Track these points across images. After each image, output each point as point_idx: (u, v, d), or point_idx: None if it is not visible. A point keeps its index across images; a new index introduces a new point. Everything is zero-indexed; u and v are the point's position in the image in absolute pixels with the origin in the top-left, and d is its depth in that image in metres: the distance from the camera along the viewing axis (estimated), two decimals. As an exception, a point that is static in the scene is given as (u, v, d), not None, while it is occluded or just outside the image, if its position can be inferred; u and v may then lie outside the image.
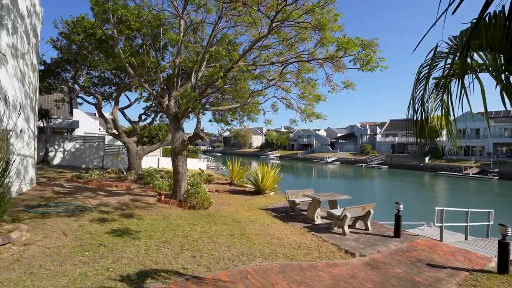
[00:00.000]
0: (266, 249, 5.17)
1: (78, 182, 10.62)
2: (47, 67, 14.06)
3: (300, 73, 8.01)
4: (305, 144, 78.08)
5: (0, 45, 6.35)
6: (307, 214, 8.25)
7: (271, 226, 7.05)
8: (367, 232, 7.34)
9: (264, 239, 5.80)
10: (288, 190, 9.36)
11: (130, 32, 9.46)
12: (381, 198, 21.97)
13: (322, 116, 9.44)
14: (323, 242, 6.27)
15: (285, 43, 7.38)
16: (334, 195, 8.70)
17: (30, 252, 3.79)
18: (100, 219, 5.78)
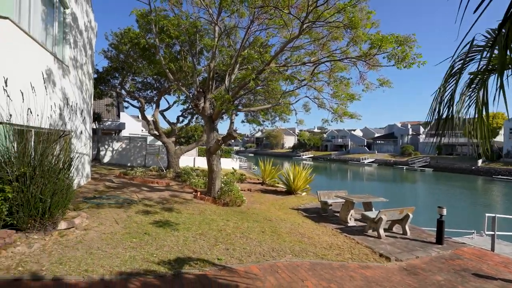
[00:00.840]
0: (297, 247, 5.25)
1: (125, 178, 11.73)
2: (99, 75, 15.74)
3: (333, 72, 7.90)
4: (340, 145, 75.37)
5: (64, 58, 7.37)
6: (339, 215, 8.11)
7: (302, 225, 7.09)
8: (405, 237, 6.98)
9: (295, 238, 5.88)
10: (320, 191, 9.27)
11: (170, 40, 10.21)
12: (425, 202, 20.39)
13: (356, 115, 9.17)
14: (356, 244, 6.13)
15: (316, 43, 7.36)
16: (369, 197, 8.41)
17: (89, 236, 4.40)
18: (144, 211, 6.39)
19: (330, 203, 8.71)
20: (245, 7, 6.51)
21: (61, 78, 6.96)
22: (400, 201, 18.57)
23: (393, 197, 20.84)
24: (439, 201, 20.68)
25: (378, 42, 5.17)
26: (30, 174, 3.89)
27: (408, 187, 29.11)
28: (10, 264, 3.20)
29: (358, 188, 26.43)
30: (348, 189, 10.35)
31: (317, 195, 9.26)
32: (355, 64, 6.55)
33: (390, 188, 27.61)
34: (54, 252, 3.66)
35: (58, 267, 3.30)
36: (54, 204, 4.13)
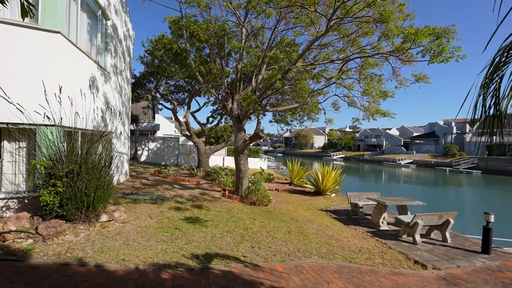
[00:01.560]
0: (323, 249, 5.15)
1: (158, 176, 12.45)
2: (136, 80, 16.91)
3: (363, 69, 7.57)
4: (373, 145, 71.61)
5: (106, 65, 8.06)
6: (371, 218, 7.76)
7: (329, 227, 6.92)
8: (445, 244, 6.46)
9: (322, 239, 5.77)
10: (350, 192, 8.96)
11: (200, 44, 10.62)
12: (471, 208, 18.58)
13: (389, 113, 8.67)
14: (388, 249, 5.83)
15: (346, 39, 7.11)
16: (403, 200, 7.92)
17: (127, 228, 4.78)
18: (176, 208, 6.74)
19: (360, 205, 8.39)
20: (271, 8, 6.52)
21: (103, 84, 7.63)
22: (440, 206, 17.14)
23: (433, 201, 19.27)
24: (488, 207, 18.68)
25: (411, 36, 4.81)
26: (77, 171, 4.35)
27: (452, 191, 26.70)
28: (61, 250, 3.62)
29: (393, 190, 24.91)
30: (383, 192, 9.83)
31: (347, 196, 8.96)
32: (387, 59, 6.18)
33: (430, 192, 25.60)
34: (97, 241, 4.05)
35: (99, 255, 3.64)
36: (96, 199, 4.57)
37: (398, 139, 65.43)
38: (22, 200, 4.87)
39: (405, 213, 7.93)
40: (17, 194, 4.83)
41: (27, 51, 4.93)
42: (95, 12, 7.34)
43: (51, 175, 4.27)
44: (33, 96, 4.77)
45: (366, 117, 8.44)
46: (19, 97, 4.67)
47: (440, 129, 57.83)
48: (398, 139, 65.43)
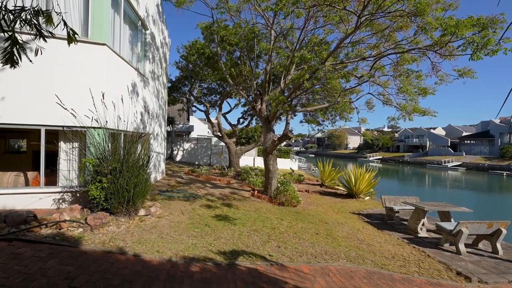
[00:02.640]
0: (353, 253, 4.99)
1: (192, 175, 13.08)
2: (172, 84, 17.96)
3: (399, 65, 7.12)
4: (415, 146, 66.45)
5: (145, 72, 8.73)
6: (408, 224, 7.28)
7: (361, 231, 6.65)
8: (496, 256, 5.82)
9: (352, 243, 5.58)
10: (385, 195, 8.49)
11: (231, 48, 10.94)
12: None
13: (429, 112, 8.04)
14: (427, 257, 5.43)
15: (378, 35, 6.76)
16: (446, 205, 7.28)
17: (161, 223, 5.15)
18: (207, 205, 7.05)
19: (396, 210, 7.91)
20: (300, 8, 6.48)
21: (142, 89, 8.28)
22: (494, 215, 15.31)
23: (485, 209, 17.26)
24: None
25: (452, 29, 4.37)
26: (119, 168, 4.81)
27: (509, 198, 23.68)
28: (105, 239, 4.04)
29: (438, 196, 22.89)
30: (425, 197, 9.16)
31: (381, 200, 8.52)
32: (425, 54, 5.72)
33: (481, 198, 23.00)
34: (135, 233, 4.44)
35: (137, 246, 4.00)
36: (135, 194, 5.00)
37: (444, 139, 59.83)
38: (75, 194, 5.53)
39: (448, 220, 7.30)
40: (70, 189, 5.50)
41: (78, 62, 5.59)
42: (136, 23, 8.00)
43: (98, 172, 4.79)
44: (83, 102, 5.39)
45: (402, 116, 7.93)
46: (72, 103, 5.31)
47: (496, 128, 51.56)
48: (444, 139, 59.83)
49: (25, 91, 5.24)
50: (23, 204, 5.21)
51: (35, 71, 5.28)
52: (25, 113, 5.24)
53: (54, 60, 5.39)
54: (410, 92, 6.41)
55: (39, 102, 5.26)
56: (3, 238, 3.57)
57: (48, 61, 5.32)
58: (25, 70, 5.25)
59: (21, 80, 5.22)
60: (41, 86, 5.31)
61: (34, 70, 5.29)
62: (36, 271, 2.89)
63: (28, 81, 5.26)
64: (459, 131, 63.21)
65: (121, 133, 6.44)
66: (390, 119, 9.60)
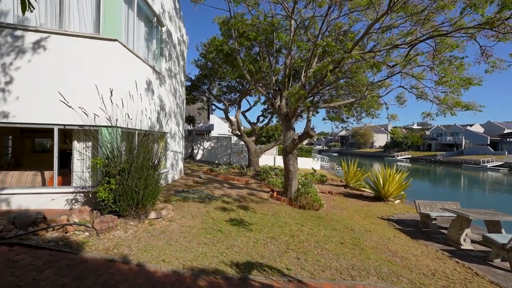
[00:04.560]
0: (385, 268, 4.32)
1: (210, 175, 12.87)
2: (192, 82, 17.93)
3: (439, 53, 6.21)
4: (449, 144, 61.77)
5: (161, 69, 8.56)
6: (448, 233, 6.39)
7: (393, 240, 5.90)
8: (562, 277, 4.83)
9: (383, 255, 4.90)
10: (420, 200, 7.60)
11: (249, 43, 10.49)
12: None
13: (474, 106, 7.00)
14: (474, 275, 4.61)
15: (414, 18, 5.92)
16: (495, 214, 6.29)
17: (172, 227, 4.84)
18: (222, 208, 6.68)
19: (434, 217, 7.03)
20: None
21: (158, 87, 8.10)
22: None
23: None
24: None
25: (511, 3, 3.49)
26: (127, 169, 4.56)
27: None
28: (109, 246, 3.79)
29: (476, 200, 20.83)
30: (462, 201, 8.08)
31: (415, 204, 7.63)
32: (473, 37, 4.82)
33: (530, 202, 20.53)
34: (142, 239, 4.15)
35: (142, 254, 3.69)
36: (145, 196, 4.73)
37: (483, 137, 54.92)
38: (87, 195, 5.41)
39: (498, 231, 6.30)
40: (83, 189, 5.39)
41: (90, 60, 5.45)
42: (151, 19, 7.83)
43: (107, 173, 4.58)
44: (94, 100, 5.23)
45: (441, 112, 6.97)
46: (84, 101, 5.17)
47: (545, 124, 46.28)
48: (483, 137, 54.92)
49: (38, 90, 5.18)
50: (38, 204, 5.17)
51: (47, 69, 5.21)
52: (38, 112, 5.19)
53: (65, 57, 5.29)
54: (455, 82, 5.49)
55: (51, 100, 5.18)
56: (4, 242, 3.42)
57: (60, 59, 5.22)
58: (38, 69, 5.20)
59: (33, 78, 5.18)
60: (53, 84, 5.23)
61: (46, 68, 5.22)
62: (28, 282, 2.65)
63: (40, 79, 5.20)
64: (501, 128, 57.68)
65: (135, 132, 6.27)
66: (425, 114, 8.59)
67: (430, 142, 67.04)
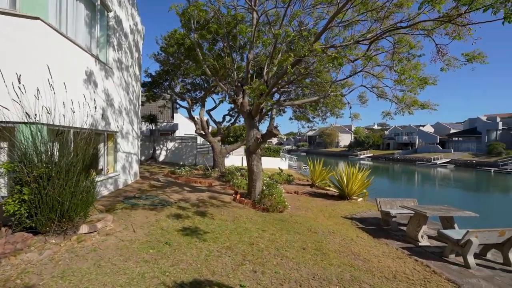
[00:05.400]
0: (347, 274, 4.05)
1: (171, 177, 11.95)
2: (152, 78, 16.69)
3: (398, 51, 6.24)
4: (405, 143, 66.89)
5: (108, 60, 7.56)
6: (407, 231, 6.44)
7: (356, 241, 5.75)
8: (508, 268, 5.05)
9: (345, 259, 4.65)
10: (381, 198, 7.66)
11: (209, 36, 9.86)
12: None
13: (429, 105, 7.22)
14: (433, 274, 4.57)
15: (374, 15, 5.85)
16: (449, 210, 6.47)
17: (107, 243, 4.07)
18: (176, 215, 5.99)
19: (393, 214, 7.08)
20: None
21: (103, 79, 7.11)
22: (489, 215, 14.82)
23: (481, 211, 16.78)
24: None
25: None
26: (47, 174, 3.70)
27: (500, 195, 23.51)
28: (11, 275, 2.95)
29: (429, 196, 22.47)
30: (418, 197, 8.36)
31: (376, 202, 7.67)
32: (430, 34, 4.83)
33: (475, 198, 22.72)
34: (61, 262, 3.35)
35: (57, 282, 2.92)
36: (73, 207, 3.90)
37: (433, 137, 60.31)
38: (0, 207, 4.38)
39: (451, 226, 6.51)
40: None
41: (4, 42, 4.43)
42: (93, 1, 6.82)
43: (18, 180, 3.67)
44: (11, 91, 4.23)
45: (399, 110, 7.07)
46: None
47: (483, 125, 52.26)
48: (433, 137, 60.31)
49: None
50: None
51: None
52: None
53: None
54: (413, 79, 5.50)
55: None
56: None
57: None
58: None
59: None
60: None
61: None
62: None
63: None
64: (447, 128, 63.88)
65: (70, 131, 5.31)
66: (384, 114, 8.76)
67: (389, 142, 71.98)
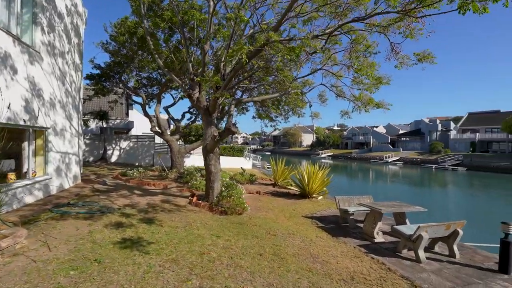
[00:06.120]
0: (304, 281, 3.77)
1: (121, 180, 10.77)
2: (102, 71, 15.02)
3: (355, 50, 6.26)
4: (361, 143, 71.81)
5: (34, 42, 6.35)
6: (364, 228, 6.50)
7: (315, 242, 5.57)
8: (454, 260, 5.29)
9: (304, 263, 4.39)
10: (339, 196, 7.69)
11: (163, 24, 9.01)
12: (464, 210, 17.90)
13: (383, 104, 7.45)
14: (388, 272, 4.55)
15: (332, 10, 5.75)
16: (401, 206, 6.68)
17: (11, 266, 3.20)
18: (117, 224, 5.18)
19: (351, 212, 7.13)
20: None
21: (26, 64, 5.92)
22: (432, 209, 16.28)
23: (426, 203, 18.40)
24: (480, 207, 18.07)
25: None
26: None
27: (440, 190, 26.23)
28: None
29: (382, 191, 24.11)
30: (372, 193, 8.66)
31: (335, 201, 7.69)
32: (385, 30, 4.88)
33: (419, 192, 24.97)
34: None
35: None
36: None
37: (385, 137, 65.65)
38: None
39: (403, 221, 6.72)
40: None
41: None
42: (11, -31, 5.63)
43: None
44: None
45: (357, 108, 7.15)
46: None
47: (426, 126, 58.33)
48: (385, 137, 65.65)
49: None
50: None
51: None
52: None
53: None
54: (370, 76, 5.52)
55: None
56: None
57: None
58: None
59: None
60: None
61: None
62: None
63: None
64: (397, 129, 70.05)
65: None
66: (343, 113, 8.91)
67: (347, 141, 76.58)
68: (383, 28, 4.81)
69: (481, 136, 49.90)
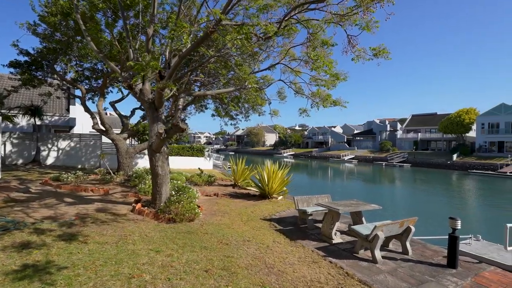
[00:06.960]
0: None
1: (51, 185, 9.13)
2: (31, 58, 12.79)
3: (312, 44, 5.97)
4: (320, 142, 75.20)
5: None
6: (322, 229, 6.24)
7: (271, 248, 5.10)
8: (407, 257, 5.28)
9: (257, 277, 3.85)
10: (298, 196, 7.39)
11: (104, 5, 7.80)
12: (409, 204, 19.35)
13: (340, 102, 7.35)
14: (346, 277, 4.26)
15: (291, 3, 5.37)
16: (358, 204, 6.58)
17: None
18: (22, 244, 4.05)
19: (310, 212, 6.86)
20: None
21: None
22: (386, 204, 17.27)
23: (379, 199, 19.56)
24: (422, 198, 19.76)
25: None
26: None
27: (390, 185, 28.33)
28: None
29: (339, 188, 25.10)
30: (330, 191, 8.62)
31: (294, 201, 7.37)
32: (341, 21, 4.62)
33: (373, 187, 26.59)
34: None
35: None
36: None
37: (342, 136, 69.62)
38: None
39: (360, 220, 6.64)
40: None
41: None
42: None
43: None
44: None
45: (315, 104, 6.92)
46: None
47: (377, 127, 63.27)
48: (342, 136, 69.62)
49: None
50: None
51: None
52: None
53: None
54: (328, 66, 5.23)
55: None
56: None
57: None
58: None
59: None
60: None
61: None
62: None
63: None
64: (352, 129, 74.89)
65: None
66: (301, 110, 8.69)
67: (308, 141, 79.56)
68: (340, 17, 4.53)
69: (422, 135, 55.76)
